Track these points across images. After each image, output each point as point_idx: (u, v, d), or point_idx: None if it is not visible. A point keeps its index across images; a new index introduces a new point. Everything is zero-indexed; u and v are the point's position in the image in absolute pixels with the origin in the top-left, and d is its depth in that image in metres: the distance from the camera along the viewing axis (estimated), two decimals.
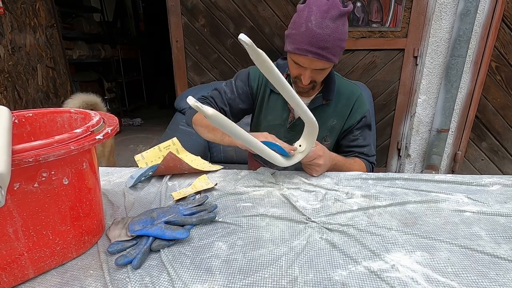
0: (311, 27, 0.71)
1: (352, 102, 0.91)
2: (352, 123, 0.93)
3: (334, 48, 0.74)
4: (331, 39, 0.72)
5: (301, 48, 0.74)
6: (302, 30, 0.73)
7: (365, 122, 0.93)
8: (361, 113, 0.92)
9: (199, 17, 1.74)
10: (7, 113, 0.48)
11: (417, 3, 1.58)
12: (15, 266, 0.44)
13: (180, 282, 0.45)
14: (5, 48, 1.76)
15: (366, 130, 0.95)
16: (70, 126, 0.59)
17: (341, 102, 0.91)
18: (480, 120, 1.74)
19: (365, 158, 0.96)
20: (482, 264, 0.47)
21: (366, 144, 0.95)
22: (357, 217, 0.60)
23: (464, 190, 0.69)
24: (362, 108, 0.92)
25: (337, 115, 0.92)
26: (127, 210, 0.65)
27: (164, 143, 0.90)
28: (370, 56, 1.70)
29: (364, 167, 0.94)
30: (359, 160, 0.94)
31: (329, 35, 0.72)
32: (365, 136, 0.95)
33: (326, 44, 0.72)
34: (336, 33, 0.72)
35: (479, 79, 1.64)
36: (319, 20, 0.71)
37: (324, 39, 0.71)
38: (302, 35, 0.73)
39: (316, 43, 0.72)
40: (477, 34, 1.55)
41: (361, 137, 0.94)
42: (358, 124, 0.93)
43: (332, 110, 0.91)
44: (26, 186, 0.41)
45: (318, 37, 0.71)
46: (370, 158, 0.96)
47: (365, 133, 0.95)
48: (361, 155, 0.96)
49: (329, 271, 0.46)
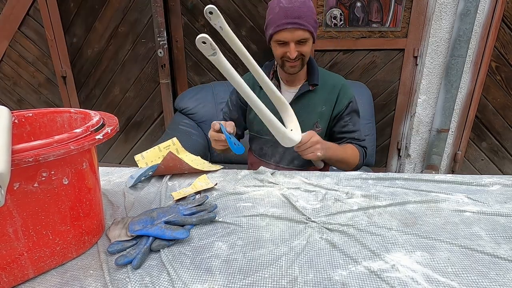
0: (283, 5, 0.82)
1: (338, 89, 0.97)
2: (341, 109, 0.97)
3: (308, 17, 0.83)
4: (303, 9, 0.82)
5: (279, 24, 0.83)
6: (276, 11, 0.84)
7: (352, 107, 0.98)
8: (348, 98, 0.97)
9: (199, 17, 1.74)
10: (7, 113, 0.48)
11: (417, 3, 1.57)
12: (15, 266, 0.44)
13: (180, 282, 0.45)
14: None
15: (355, 116, 1.00)
16: (70, 126, 0.59)
17: (327, 89, 0.97)
18: (480, 120, 1.74)
19: (357, 143, 0.99)
20: (482, 264, 0.47)
21: (356, 129, 0.99)
22: (357, 217, 0.60)
23: (464, 190, 0.69)
24: (348, 94, 0.97)
25: (325, 101, 0.96)
26: (127, 210, 0.65)
27: (164, 143, 0.90)
28: (370, 56, 1.70)
29: (356, 151, 0.97)
30: (351, 145, 0.98)
31: (300, 7, 0.82)
32: (354, 121, 0.99)
33: (299, 14, 0.82)
34: (305, 5, 0.83)
35: (479, 79, 1.64)
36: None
37: (296, 10, 0.82)
38: (277, 15, 0.83)
39: (290, 15, 0.82)
40: (477, 34, 1.55)
41: (350, 123, 0.98)
42: (346, 110, 0.97)
43: (320, 96, 0.96)
44: (26, 186, 0.41)
45: (291, 10, 0.82)
46: (362, 143, 1.00)
47: (354, 119, 0.99)
48: (353, 140, 1.00)
49: (329, 271, 0.46)
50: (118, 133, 2.06)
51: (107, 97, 1.99)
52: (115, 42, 1.84)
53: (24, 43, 1.91)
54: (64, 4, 1.80)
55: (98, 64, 1.91)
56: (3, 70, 2.00)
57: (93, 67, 1.93)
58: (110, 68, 1.91)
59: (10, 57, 1.96)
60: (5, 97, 2.07)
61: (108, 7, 1.78)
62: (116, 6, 1.76)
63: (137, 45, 1.83)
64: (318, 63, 1.45)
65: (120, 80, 1.93)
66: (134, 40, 1.82)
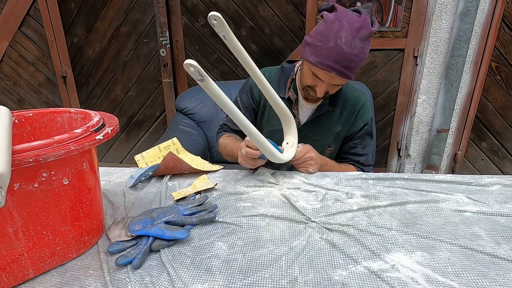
0: (340, 44, 0.69)
1: (357, 109, 0.90)
2: (355, 130, 0.92)
3: (357, 68, 0.74)
4: (357, 59, 0.71)
5: (326, 63, 0.72)
6: (330, 45, 0.71)
7: (367, 130, 0.92)
8: (364, 120, 0.91)
9: (199, 17, 1.74)
10: (7, 113, 0.48)
11: (417, 3, 1.57)
12: (15, 266, 0.44)
13: (180, 282, 0.45)
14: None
15: (367, 139, 0.94)
16: (70, 126, 0.59)
17: (347, 109, 0.90)
18: (480, 120, 1.74)
19: (360, 167, 0.94)
20: (482, 264, 0.47)
21: (364, 153, 0.94)
22: (357, 217, 0.60)
23: (464, 190, 0.69)
24: (366, 116, 0.91)
25: (342, 122, 0.91)
26: (127, 210, 0.65)
27: (164, 143, 0.90)
28: (370, 56, 1.70)
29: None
30: (353, 167, 0.93)
31: (356, 55, 0.71)
32: (364, 144, 0.93)
33: (351, 64, 0.71)
34: (362, 53, 0.72)
35: (479, 79, 1.64)
36: (349, 39, 0.69)
37: (351, 59, 0.70)
38: (329, 51, 0.71)
39: (342, 62, 0.71)
40: (477, 34, 1.55)
41: (360, 145, 0.93)
42: (360, 132, 0.92)
43: (337, 116, 0.91)
44: (26, 186, 0.41)
45: (346, 56, 0.70)
46: (366, 168, 0.95)
47: (365, 142, 0.93)
48: (356, 163, 0.94)
49: (329, 271, 0.46)
50: (119, 132, 2.06)
51: (109, 97, 1.99)
52: (117, 41, 1.84)
53: (24, 43, 1.91)
54: (64, 4, 1.80)
55: (99, 64, 1.92)
56: (3, 70, 2.00)
57: (94, 66, 1.93)
58: (111, 68, 1.91)
59: (10, 57, 1.96)
60: (5, 97, 2.07)
61: (110, 7, 1.78)
62: (118, 6, 1.77)
63: (139, 44, 1.83)
64: None
65: (122, 79, 1.93)
66: (137, 40, 1.83)
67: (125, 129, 2.06)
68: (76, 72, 1.95)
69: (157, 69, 1.86)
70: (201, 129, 1.61)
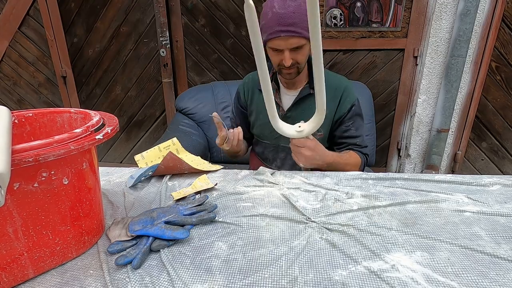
0: (275, 10, 0.77)
1: (340, 92, 0.93)
2: (343, 113, 0.93)
3: (303, 23, 0.78)
4: (296, 15, 0.77)
5: (272, 31, 0.79)
6: (269, 17, 0.79)
7: (355, 111, 0.94)
8: (350, 101, 0.93)
9: (199, 17, 1.74)
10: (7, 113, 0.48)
11: (417, 3, 1.57)
12: (15, 266, 0.44)
13: (180, 282, 0.45)
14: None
15: (358, 120, 0.95)
16: (70, 126, 0.59)
17: (329, 93, 0.90)
18: (480, 120, 1.74)
19: (358, 149, 0.96)
20: (482, 264, 0.47)
21: (358, 134, 0.95)
22: (357, 217, 0.60)
23: (464, 190, 0.69)
24: (351, 97, 0.93)
25: (327, 104, 0.91)
26: (127, 210, 0.65)
27: (164, 143, 0.90)
28: (370, 56, 1.70)
29: (358, 159, 0.94)
30: (353, 153, 0.94)
31: (293, 12, 0.77)
32: (357, 126, 0.95)
33: (293, 20, 0.77)
34: (299, 9, 0.77)
35: (479, 79, 1.64)
36: (280, 3, 0.77)
37: (289, 16, 0.77)
38: (270, 21, 0.79)
39: (283, 22, 0.77)
40: (477, 34, 1.55)
41: (352, 128, 0.95)
42: (349, 114, 0.93)
43: None
44: (26, 186, 0.41)
45: (284, 16, 0.77)
46: (364, 149, 0.97)
47: (357, 123, 0.95)
48: (354, 146, 0.96)
49: (329, 271, 0.46)
50: (119, 132, 2.06)
51: (109, 97, 1.99)
52: (117, 41, 1.84)
53: (24, 43, 1.91)
54: (64, 4, 1.80)
55: (99, 64, 1.92)
56: (3, 70, 2.00)
57: (94, 66, 1.93)
58: (111, 68, 1.91)
59: (10, 57, 1.96)
60: (5, 97, 2.07)
61: (110, 8, 1.78)
62: (118, 6, 1.76)
63: (139, 44, 1.83)
64: None
65: (122, 79, 1.93)
66: (137, 40, 1.83)
67: (125, 129, 2.06)
68: (76, 72, 1.95)
69: (157, 69, 1.86)
70: (201, 129, 1.61)
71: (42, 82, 2.01)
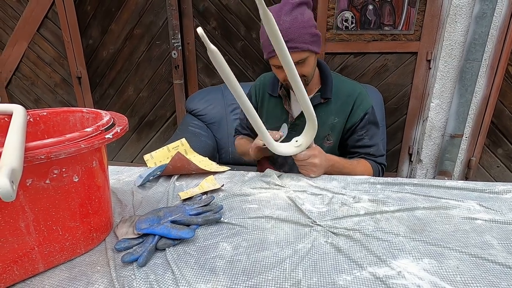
0: None
1: (353, 99, 0.89)
2: (355, 121, 0.90)
3: (300, 37, 0.76)
4: (292, 30, 0.75)
5: (270, 50, 0.78)
6: (265, 36, 0.76)
7: (368, 119, 0.90)
8: (364, 109, 0.89)
9: (210, 19, 1.76)
10: (22, 111, 0.50)
11: (431, 6, 1.55)
12: (26, 259, 0.45)
13: (184, 281, 0.45)
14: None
15: (372, 128, 0.91)
16: (82, 125, 0.61)
17: (341, 100, 0.90)
18: (496, 125, 1.69)
19: (372, 159, 0.91)
20: (493, 274, 0.46)
21: (372, 144, 0.90)
22: (364, 221, 0.59)
23: (476, 197, 0.67)
24: (365, 105, 0.89)
25: (337, 113, 0.90)
26: (135, 208, 0.66)
27: (173, 143, 0.91)
28: (382, 59, 1.68)
29: (369, 168, 0.89)
30: (364, 161, 0.90)
31: (289, 28, 0.75)
32: (371, 135, 0.91)
33: (288, 37, 0.74)
34: (295, 23, 0.75)
35: (495, 84, 1.60)
36: (276, 20, 0.74)
37: (285, 34, 0.73)
38: (267, 39, 0.75)
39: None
40: (493, 38, 1.51)
41: (366, 137, 0.90)
42: (362, 122, 0.90)
43: (332, 108, 0.90)
44: (38, 182, 0.43)
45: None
46: (378, 159, 0.91)
47: (371, 132, 0.91)
48: (367, 156, 0.91)
49: (334, 276, 0.46)
50: (130, 132, 2.10)
51: (121, 97, 2.04)
52: (130, 43, 1.89)
53: (42, 45, 1.98)
54: (81, 6, 1.85)
55: (113, 65, 1.96)
56: (22, 70, 2.07)
57: (108, 68, 1.97)
58: (124, 69, 1.96)
59: (28, 58, 2.03)
60: (23, 96, 2.15)
61: (124, 10, 1.82)
62: (132, 8, 1.81)
63: (151, 46, 1.87)
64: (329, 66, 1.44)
65: (134, 80, 1.97)
66: (149, 42, 1.86)
67: (136, 129, 2.10)
68: (91, 72, 2.01)
69: (168, 70, 1.89)
70: (210, 131, 1.62)
71: (58, 82, 2.07)
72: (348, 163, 0.87)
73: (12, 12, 1.92)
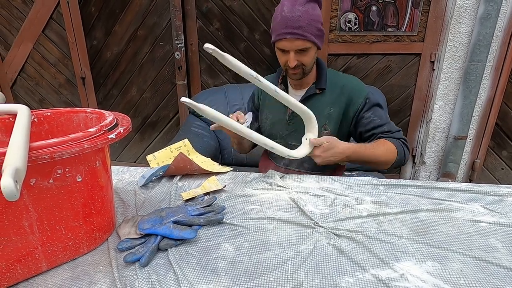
0: (284, 14, 0.82)
1: (348, 89, 0.92)
2: (357, 108, 0.91)
3: (308, 27, 0.82)
4: (303, 19, 0.81)
5: (280, 33, 0.84)
6: (278, 20, 0.84)
7: (371, 101, 0.91)
8: (362, 95, 0.91)
9: (213, 20, 1.77)
10: (26, 112, 0.51)
11: (435, 7, 1.54)
12: (30, 258, 0.46)
13: (186, 282, 0.45)
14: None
15: (378, 110, 0.92)
16: (86, 125, 0.61)
17: (336, 91, 0.93)
18: (501, 127, 1.67)
19: (390, 135, 0.90)
20: (498, 278, 0.45)
21: (383, 122, 0.90)
22: (366, 223, 0.59)
23: (480, 199, 0.66)
24: (362, 91, 0.91)
25: (333, 102, 0.93)
26: (138, 208, 0.66)
27: (176, 144, 0.91)
28: (385, 61, 1.67)
29: (391, 146, 0.87)
30: (383, 140, 0.88)
31: (300, 16, 0.81)
32: (379, 115, 0.91)
33: (299, 24, 0.81)
34: (306, 14, 0.81)
35: (500, 85, 1.58)
36: (289, 7, 0.82)
37: (296, 20, 0.81)
38: (279, 23, 0.83)
39: (290, 25, 0.81)
40: (498, 39, 1.50)
41: (375, 117, 0.91)
42: (365, 106, 0.91)
43: (327, 98, 0.93)
44: (41, 182, 0.43)
45: (291, 20, 0.81)
46: (396, 134, 0.90)
47: (378, 112, 0.91)
48: (384, 134, 0.90)
49: (336, 278, 0.46)
50: (133, 133, 2.11)
51: (125, 98, 2.05)
52: (134, 44, 1.90)
53: (47, 46, 2.00)
54: (85, 8, 1.87)
55: (116, 66, 1.97)
56: (27, 71, 2.09)
57: (112, 68, 1.99)
58: (128, 70, 1.97)
59: (33, 59, 2.05)
60: (28, 97, 2.17)
61: (128, 11, 1.83)
62: (136, 10, 1.82)
63: (155, 47, 1.88)
64: (332, 67, 1.44)
65: (138, 81, 1.98)
66: (153, 43, 1.87)
67: (139, 130, 2.10)
68: (95, 73, 2.02)
69: (171, 71, 1.90)
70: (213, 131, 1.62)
71: (63, 83, 2.09)
72: (368, 147, 0.86)
73: (18, 13, 1.94)
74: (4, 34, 2.01)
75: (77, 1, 1.83)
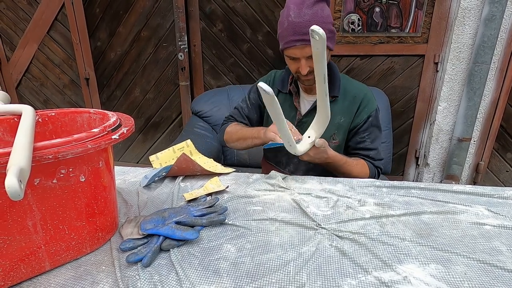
0: (291, 20, 0.78)
1: (360, 99, 0.91)
2: (359, 122, 0.91)
3: None
4: (312, 23, 0.76)
5: (288, 41, 0.79)
6: (285, 26, 0.79)
7: (372, 122, 0.91)
8: (368, 112, 0.90)
9: (216, 22, 1.77)
10: (31, 112, 0.51)
11: (438, 8, 1.53)
12: (33, 258, 0.46)
13: (188, 282, 0.45)
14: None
15: (375, 131, 0.93)
16: (89, 125, 0.62)
17: (348, 99, 0.92)
18: (505, 129, 1.66)
19: (370, 161, 0.93)
20: (502, 281, 0.45)
21: (373, 147, 0.92)
22: (369, 225, 0.58)
23: (485, 202, 0.66)
24: (369, 107, 0.91)
25: (344, 112, 0.91)
26: (140, 209, 0.66)
27: (178, 144, 0.91)
28: (388, 62, 1.66)
29: (367, 170, 0.91)
30: (363, 162, 0.92)
31: (309, 21, 0.76)
32: (373, 138, 0.92)
33: (308, 30, 0.76)
34: (315, 17, 0.77)
35: (504, 87, 1.57)
36: (296, 12, 0.77)
37: (305, 25, 0.76)
38: (286, 30, 0.79)
39: (299, 31, 0.77)
40: (502, 40, 1.49)
41: (368, 139, 0.92)
42: (365, 124, 0.91)
43: (339, 107, 0.91)
44: (45, 182, 0.43)
45: (299, 25, 0.77)
46: (376, 162, 0.93)
47: (373, 135, 0.92)
48: (366, 158, 0.93)
49: (338, 280, 0.46)
50: (137, 133, 2.12)
51: (128, 98, 2.06)
52: (137, 45, 1.91)
53: (52, 46, 2.01)
54: (90, 9, 1.88)
55: (120, 67, 1.98)
56: (32, 72, 2.11)
57: (115, 69, 2.00)
58: (131, 71, 1.98)
59: (38, 60, 2.06)
60: (32, 97, 2.18)
61: (132, 13, 1.84)
62: (140, 11, 1.83)
63: (158, 48, 1.89)
64: None
65: (141, 82, 1.99)
66: (156, 44, 1.88)
67: (142, 131, 2.11)
68: (98, 74, 2.03)
69: (174, 72, 1.91)
70: (216, 132, 1.63)
71: (67, 84, 2.10)
72: (349, 162, 0.88)
73: (23, 14, 1.96)
74: (10, 35, 2.03)
75: (81, 3, 1.85)
